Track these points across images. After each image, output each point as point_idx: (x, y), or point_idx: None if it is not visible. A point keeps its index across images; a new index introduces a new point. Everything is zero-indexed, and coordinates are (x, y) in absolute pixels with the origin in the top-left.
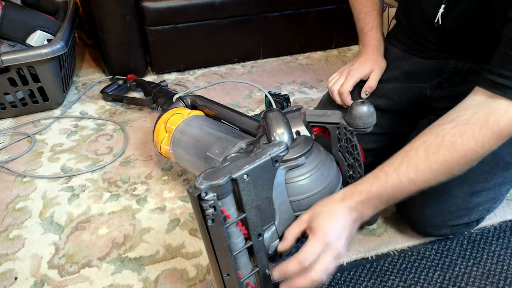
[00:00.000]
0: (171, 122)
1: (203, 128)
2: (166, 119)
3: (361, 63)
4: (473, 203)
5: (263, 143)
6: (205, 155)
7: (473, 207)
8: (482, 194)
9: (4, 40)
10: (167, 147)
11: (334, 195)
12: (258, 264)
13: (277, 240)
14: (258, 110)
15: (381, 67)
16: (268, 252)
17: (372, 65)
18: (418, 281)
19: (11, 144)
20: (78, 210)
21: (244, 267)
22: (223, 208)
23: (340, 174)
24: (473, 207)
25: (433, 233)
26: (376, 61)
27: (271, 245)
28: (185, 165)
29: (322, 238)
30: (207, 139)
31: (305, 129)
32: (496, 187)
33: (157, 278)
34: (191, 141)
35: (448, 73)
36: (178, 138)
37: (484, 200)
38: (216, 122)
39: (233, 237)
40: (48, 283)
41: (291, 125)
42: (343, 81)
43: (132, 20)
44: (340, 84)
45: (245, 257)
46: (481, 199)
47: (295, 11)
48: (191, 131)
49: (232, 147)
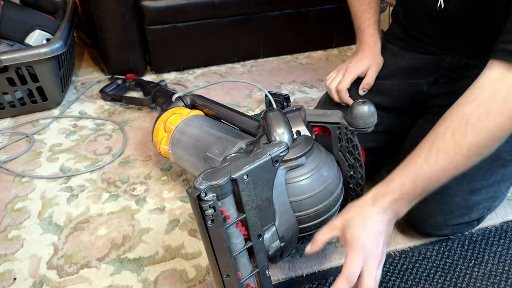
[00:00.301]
0: (170, 122)
1: (203, 128)
2: (165, 119)
3: (358, 60)
4: (473, 201)
5: (263, 143)
6: (205, 155)
7: (473, 205)
8: (481, 192)
9: (2, 40)
10: (166, 147)
11: (365, 197)
12: (258, 265)
13: (277, 241)
14: (258, 110)
15: (378, 64)
16: (268, 253)
17: (369, 62)
18: (419, 282)
19: (10, 144)
20: (77, 210)
21: (244, 268)
22: (223, 208)
23: (340, 174)
24: (473, 206)
25: (434, 233)
26: (373, 58)
27: (271, 246)
28: (184, 165)
29: (360, 250)
30: (206, 139)
31: (306, 129)
32: (495, 184)
33: (157, 279)
34: (190, 141)
35: (445, 68)
36: (177, 138)
37: (484, 198)
38: (215, 122)
39: (233, 238)
40: (47, 283)
41: (291, 124)
42: (341, 79)
43: (132, 19)
44: (338, 82)
45: (245, 258)
46: (481, 197)
47: (295, 10)
48: (190, 131)
49: (232, 147)
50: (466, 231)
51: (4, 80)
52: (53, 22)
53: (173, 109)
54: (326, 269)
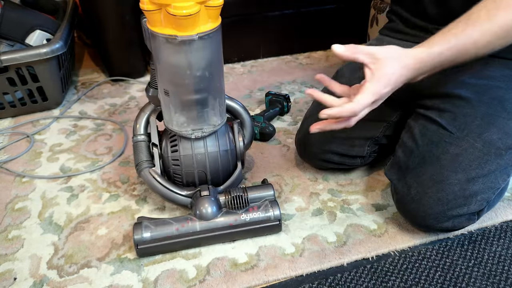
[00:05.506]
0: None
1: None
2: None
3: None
4: (470, 190)
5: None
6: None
7: (470, 195)
8: (478, 181)
9: (3, 40)
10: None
11: (410, 53)
12: None
13: None
14: (258, 110)
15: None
16: None
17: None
18: (418, 282)
19: (10, 144)
20: (77, 210)
21: None
22: None
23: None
24: (471, 196)
25: (434, 225)
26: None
27: None
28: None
29: (377, 93)
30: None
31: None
32: (491, 174)
33: (157, 278)
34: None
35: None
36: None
37: (481, 188)
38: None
39: None
40: (48, 283)
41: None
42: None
43: (132, 19)
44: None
45: None
46: (478, 187)
47: (295, 10)
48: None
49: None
50: (467, 225)
51: (5, 80)
52: (53, 22)
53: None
54: (326, 268)
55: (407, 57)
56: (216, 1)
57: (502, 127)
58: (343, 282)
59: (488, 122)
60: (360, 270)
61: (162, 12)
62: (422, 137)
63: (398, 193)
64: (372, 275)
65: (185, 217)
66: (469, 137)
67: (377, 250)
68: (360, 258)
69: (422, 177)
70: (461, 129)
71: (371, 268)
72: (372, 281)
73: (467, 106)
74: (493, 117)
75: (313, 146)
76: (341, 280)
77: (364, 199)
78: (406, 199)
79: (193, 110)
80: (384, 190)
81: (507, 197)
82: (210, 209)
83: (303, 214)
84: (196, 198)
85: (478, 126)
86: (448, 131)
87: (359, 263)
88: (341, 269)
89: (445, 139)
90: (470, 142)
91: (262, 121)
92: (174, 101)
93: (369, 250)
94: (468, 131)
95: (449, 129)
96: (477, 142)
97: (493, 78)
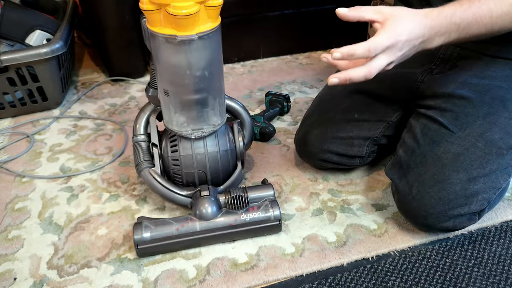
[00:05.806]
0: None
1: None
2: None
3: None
4: (471, 190)
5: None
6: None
7: (471, 195)
8: (479, 181)
9: (3, 40)
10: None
11: (419, 11)
12: None
13: None
14: (258, 110)
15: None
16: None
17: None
18: (418, 282)
19: (10, 144)
20: (77, 210)
21: None
22: None
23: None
24: (472, 195)
25: (435, 224)
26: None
27: None
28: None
29: (392, 38)
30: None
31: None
32: (492, 173)
33: (157, 278)
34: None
35: (439, 59)
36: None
37: (482, 188)
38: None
39: None
40: (48, 283)
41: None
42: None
43: (131, 20)
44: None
45: None
46: (479, 186)
47: (295, 10)
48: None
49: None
50: (468, 225)
51: (5, 80)
52: (53, 22)
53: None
54: (326, 268)
55: (417, 13)
56: (215, 1)
57: (504, 127)
58: (343, 282)
59: (490, 122)
60: (360, 270)
61: (161, 12)
62: (424, 137)
63: (399, 193)
64: (372, 275)
65: (185, 217)
66: (471, 137)
67: (377, 250)
68: (360, 258)
69: (424, 177)
70: (462, 129)
71: (371, 268)
72: (372, 281)
73: (468, 106)
74: (494, 117)
75: (312, 146)
76: (341, 280)
77: (364, 199)
78: (407, 198)
79: (193, 110)
80: (384, 190)
81: (507, 197)
82: (210, 209)
83: (303, 214)
84: (196, 198)
85: (479, 126)
86: (450, 130)
87: (359, 263)
88: (341, 269)
89: (447, 138)
90: (472, 142)
91: (262, 121)
92: (174, 101)
93: (369, 250)
94: (470, 130)
95: (450, 128)
96: (478, 141)
97: (495, 78)
